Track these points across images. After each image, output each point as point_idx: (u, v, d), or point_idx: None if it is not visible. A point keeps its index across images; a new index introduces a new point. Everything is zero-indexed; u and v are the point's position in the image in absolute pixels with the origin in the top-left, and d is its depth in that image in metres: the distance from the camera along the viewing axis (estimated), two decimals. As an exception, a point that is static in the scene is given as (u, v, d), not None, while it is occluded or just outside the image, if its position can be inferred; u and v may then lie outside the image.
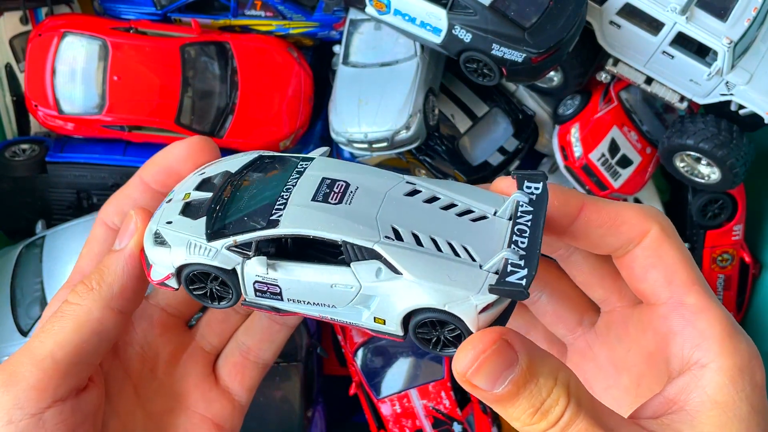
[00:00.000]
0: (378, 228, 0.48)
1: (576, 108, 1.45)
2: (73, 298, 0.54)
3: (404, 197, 0.51)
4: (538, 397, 0.44)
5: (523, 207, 0.49)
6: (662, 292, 0.49)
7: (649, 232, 0.50)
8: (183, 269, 0.52)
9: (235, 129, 1.44)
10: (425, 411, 1.38)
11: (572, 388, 0.44)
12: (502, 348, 0.44)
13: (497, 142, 1.50)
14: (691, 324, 0.48)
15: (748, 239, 1.57)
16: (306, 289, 0.51)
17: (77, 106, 1.39)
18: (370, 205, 0.50)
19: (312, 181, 0.52)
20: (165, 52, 1.41)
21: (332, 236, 0.48)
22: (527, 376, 0.44)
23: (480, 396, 0.45)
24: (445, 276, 0.47)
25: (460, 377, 0.45)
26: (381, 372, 1.40)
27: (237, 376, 0.66)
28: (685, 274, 0.49)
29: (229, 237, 0.51)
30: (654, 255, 0.49)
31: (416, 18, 1.26)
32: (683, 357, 0.48)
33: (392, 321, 0.50)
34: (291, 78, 1.48)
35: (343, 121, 1.38)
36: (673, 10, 1.21)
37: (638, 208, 0.51)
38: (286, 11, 1.46)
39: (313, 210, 0.50)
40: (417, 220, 0.50)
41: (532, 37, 1.19)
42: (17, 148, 1.42)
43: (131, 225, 0.54)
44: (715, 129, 1.31)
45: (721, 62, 1.22)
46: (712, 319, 0.47)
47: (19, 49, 1.45)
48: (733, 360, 0.46)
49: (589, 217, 0.50)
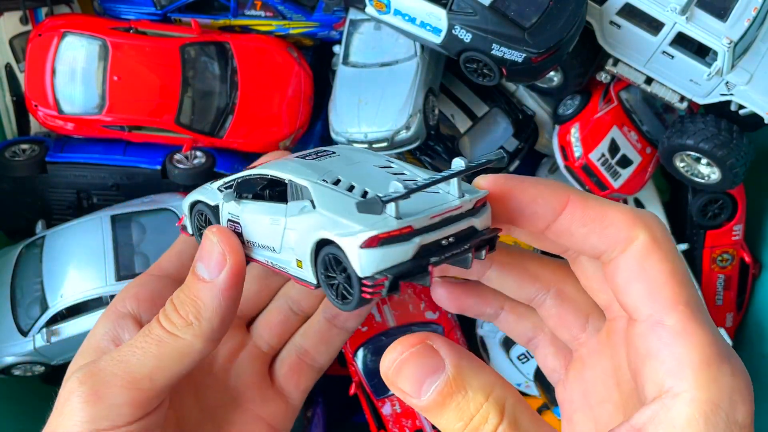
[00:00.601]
0: (322, 174, 0.51)
1: (576, 108, 1.45)
2: (173, 329, 0.54)
3: (372, 167, 0.53)
4: (467, 411, 0.41)
5: (453, 169, 0.49)
6: (643, 308, 0.45)
7: (636, 240, 0.45)
8: (192, 208, 0.63)
9: (235, 129, 1.44)
10: (425, 411, 1.38)
11: (508, 408, 0.41)
12: (424, 351, 0.43)
13: (497, 142, 1.49)
14: (668, 347, 0.43)
15: (748, 239, 1.57)
16: (255, 226, 0.55)
17: (77, 106, 1.39)
18: (334, 165, 0.53)
19: (311, 150, 0.58)
20: (165, 52, 1.41)
21: (282, 175, 0.52)
22: (453, 387, 0.42)
23: (410, 404, 0.44)
24: (345, 209, 0.47)
25: (385, 377, 0.44)
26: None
27: (293, 378, 0.66)
28: (670, 291, 0.44)
29: (221, 179, 0.59)
30: (639, 266, 0.45)
31: (416, 18, 1.26)
32: (657, 382, 0.43)
33: (306, 261, 0.50)
34: (291, 78, 1.48)
35: (343, 121, 1.38)
36: (673, 10, 1.21)
37: (629, 210, 0.47)
38: (286, 11, 1.46)
39: (288, 162, 0.55)
40: (362, 177, 0.51)
41: (532, 37, 1.19)
42: (17, 148, 1.42)
43: (216, 252, 0.53)
44: (715, 129, 1.31)
45: (721, 62, 1.22)
46: (691, 345, 0.42)
47: (19, 49, 1.45)
48: (708, 393, 0.40)
49: (574, 213, 0.47)
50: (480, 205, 0.48)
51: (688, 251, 1.54)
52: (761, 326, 1.55)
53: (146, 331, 0.55)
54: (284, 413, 0.65)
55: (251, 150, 1.49)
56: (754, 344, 1.56)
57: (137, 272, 1.29)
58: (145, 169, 1.42)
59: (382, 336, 1.41)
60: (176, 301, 0.55)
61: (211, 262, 0.53)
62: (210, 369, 0.65)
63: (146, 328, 0.56)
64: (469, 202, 0.48)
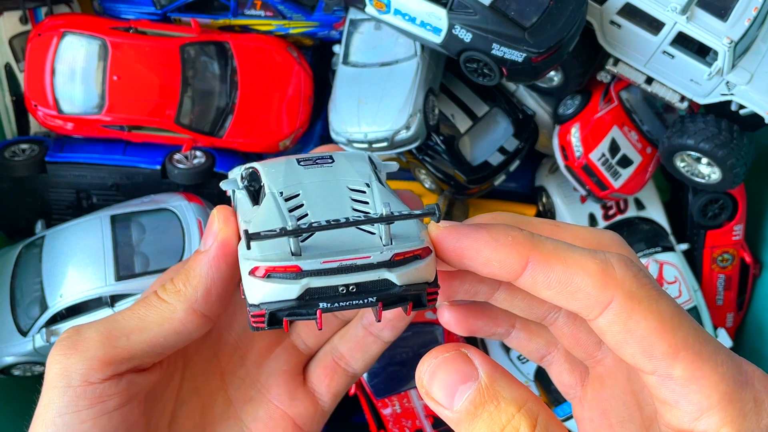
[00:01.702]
0: (288, 187, 0.52)
1: (576, 108, 1.45)
2: (162, 294, 0.54)
3: (343, 187, 0.52)
4: (498, 422, 0.41)
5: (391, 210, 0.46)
6: (644, 365, 0.43)
7: (610, 303, 0.42)
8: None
9: (235, 129, 1.44)
10: (425, 411, 1.38)
11: (540, 422, 0.41)
12: (457, 357, 0.43)
13: (497, 142, 1.49)
14: (685, 398, 0.42)
15: (749, 239, 1.57)
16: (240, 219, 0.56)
17: (77, 105, 1.39)
18: (311, 176, 0.53)
19: (311, 155, 0.58)
20: (165, 51, 1.41)
21: (263, 178, 0.53)
22: (486, 396, 0.41)
23: (443, 416, 0.43)
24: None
25: (419, 384, 0.44)
26: (381, 372, 1.40)
27: (325, 380, 0.65)
28: (665, 345, 0.41)
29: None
30: (624, 329, 0.42)
31: (416, 18, 1.26)
32: (683, 424, 0.42)
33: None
34: (291, 78, 1.48)
35: (343, 121, 1.38)
36: (673, 9, 1.21)
37: (595, 269, 0.43)
38: (286, 11, 1.46)
39: (281, 163, 0.55)
40: (321, 199, 0.51)
41: (532, 37, 1.19)
42: (17, 148, 1.42)
43: (214, 225, 0.54)
44: (715, 129, 1.31)
45: (722, 62, 1.22)
46: (706, 389, 0.41)
47: (19, 49, 1.45)
48: (740, 427, 0.40)
49: (536, 276, 0.44)
50: (406, 257, 0.45)
51: (689, 251, 1.54)
52: (761, 326, 1.55)
53: (142, 296, 0.56)
54: (312, 415, 0.64)
55: (251, 150, 1.49)
56: (754, 344, 1.56)
57: (137, 272, 1.29)
58: (145, 169, 1.41)
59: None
60: (174, 272, 0.56)
61: (208, 234, 0.54)
62: (242, 361, 0.64)
63: (143, 294, 0.57)
64: (384, 254, 0.45)
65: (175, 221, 1.33)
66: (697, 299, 1.48)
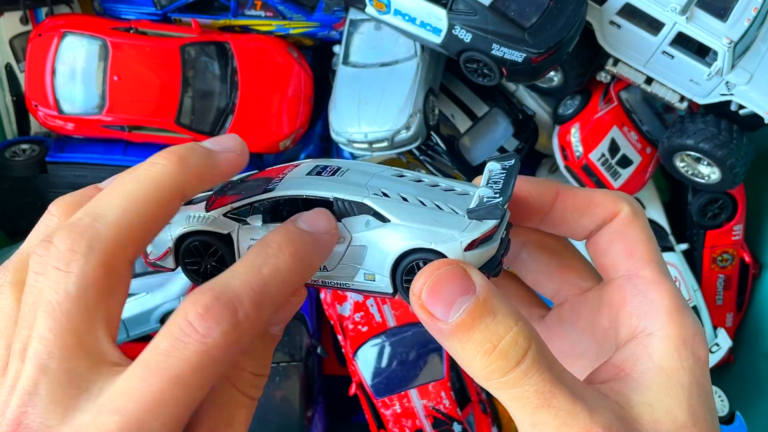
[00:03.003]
0: (367, 189, 0.52)
1: (576, 108, 1.45)
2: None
3: (393, 176, 0.55)
4: (495, 333, 0.43)
5: (496, 172, 0.52)
6: (622, 265, 0.51)
7: (620, 212, 0.52)
8: (182, 242, 0.54)
9: (235, 129, 1.44)
10: (425, 411, 1.38)
11: (534, 336, 0.44)
12: (456, 271, 0.44)
13: (497, 142, 1.50)
14: (642, 293, 0.49)
15: (748, 239, 1.57)
16: None
17: (77, 106, 1.39)
18: (360, 178, 0.54)
19: (306, 167, 0.56)
20: (165, 52, 1.41)
21: (323, 194, 0.51)
22: (483, 308, 0.43)
23: (435, 330, 0.44)
24: (431, 220, 0.49)
25: (415, 300, 0.45)
26: (381, 372, 1.40)
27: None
28: (645, 251, 0.51)
29: (227, 205, 0.54)
30: (620, 232, 0.52)
31: (416, 18, 1.26)
32: (631, 325, 0.49)
33: (382, 273, 0.51)
34: (291, 78, 1.48)
35: (343, 121, 1.38)
36: (673, 10, 1.21)
37: (609, 192, 0.53)
38: (286, 11, 1.46)
39: (306, 179, 0.54)
40: (404, 189, 0.53)
41: (532, 37, 1.19)
42: (17, 148, 1.42)
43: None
44: (715, 129, 1.31)
45: (721, 62, 1.22)
46: (662, 291, 0.49)
47: (19, 49, 1.45)
48: (678, 331, 0.47)
49: (565, 202, 0.52)
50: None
51: (688, 251, 1.54)
52: (761, 326, 1.55)
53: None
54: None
55: (251, 150, 1.47)
56: (754, 344, 1.56)
57: (137, 272, 1.29)
58: (145, 169, 1.42)
59: (382, 336, 1.41)
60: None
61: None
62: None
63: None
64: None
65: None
66: (697, 299, 1.48)
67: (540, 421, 0.42)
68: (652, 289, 0.49)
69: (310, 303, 1.49)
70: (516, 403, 0.43)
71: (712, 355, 1.43)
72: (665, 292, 0.49)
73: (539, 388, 0.42)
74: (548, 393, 0.42)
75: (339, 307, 1.44)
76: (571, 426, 0.42)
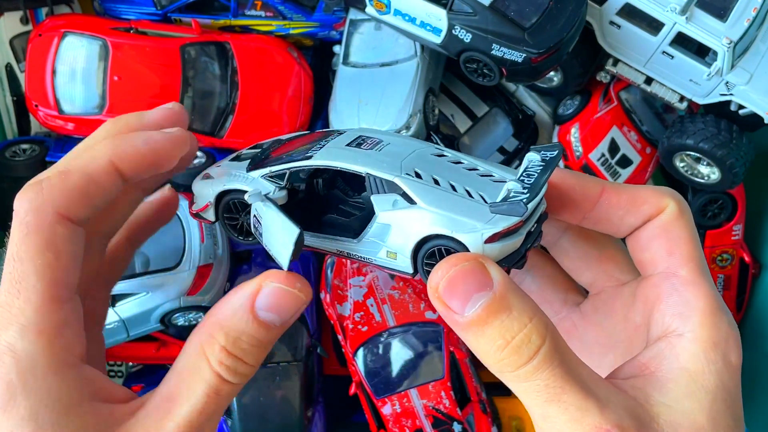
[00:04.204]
0: (401, 168, 0.52)
1: (576, 108, 1.45)
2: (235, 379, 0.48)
3: (431, 156, 0.55)
4: (510, 330, 0.43)
5: (534, 163, 0.52)
6: (661, 262, 0.51)
7: (666, 208, 0.52)
8: (222, 198, 0.57)
9: (236, 129, 1.44)
10: (425, 411, 1.38)
11: (550, 333, 0.44)
12: (475, 267, 0.44)
13: (497, 142, 1.50)
14: (678, 293, 0.49)
15: (748, 239, 1.57)
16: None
17: (78, 106, 1.40)
18: (398, 154, 0.54)
19: (349, 135, 0.57)
20: (165, 52, 1.41)
21: (357, 168, 0.52)
22: (499, 305, 0.43)
23: (451, 322, 0.45)
24: (457, 208, 0.50)
25: (433, 292, 0.45)
26: (381, 372, 1.40)
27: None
28: (686, 250, 0.50)
29: (266, 167, 0.55)
30: (662, 228, 0.51)
31: (416, 18, 1.27)
32: (663, 324, 0.49)
33: (403, 253, 0.52)
34: (291, 78, 1.48)
35: (343, 121, 1.38)
36: (672, 10, 1.21)
37: (655, 188, 0.53)
38: (286, 11, 1.46)
39: (345, 150, 0.54)
40: (439, 170, 0.53)
41: (532, 37, 1.19)
42: (17, 148, 1.42)
43: (293, 299, 0.49)
44: (714, 129, 1.31)
45: (721, 62, 1.22)
46: (699, 293, 0.48)
47: (20, 49, 1.45)
48: (709, 333, 0.46)
49: (610, 200, 0.52)
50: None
51: (688, 251, 1.54)
52: (761, 326, 1.55)
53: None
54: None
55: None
56: (754, 344, 1.56)
57: (137, 272, 1.29)
58: (146, 169, 1.42)
59: (382, 336, 1.41)
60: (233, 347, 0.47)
61: (288, 310, 0.48)
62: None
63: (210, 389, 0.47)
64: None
65: (176, 221, 1.33)
66: (697, 299, 1.48)
67: (550, 414, 0.43)
68: (688, 289, 0.49)
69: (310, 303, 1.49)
70: (527, 395, 0.44)
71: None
72: (702, 293, 0.48)
73: (549, 383, 0.43)
74: (558, 388, 0.43)
75: (339, 307, 1.44)
76: (580, 421, 0.42)
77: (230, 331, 0.47)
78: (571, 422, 0.42)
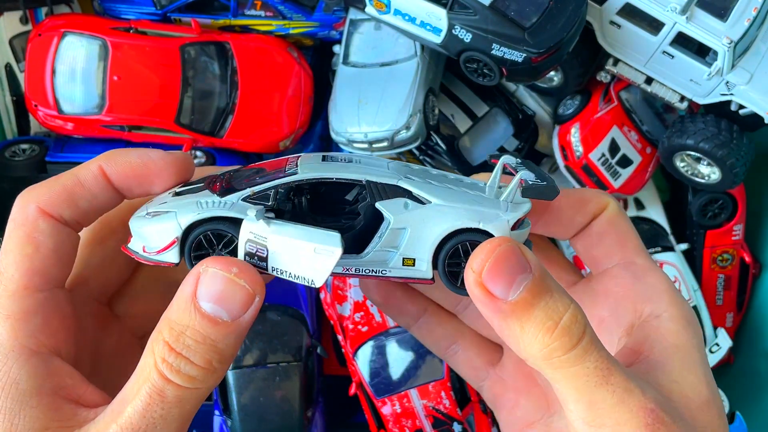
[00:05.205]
0: (396, 174, 0.51)
1: (576, 108, 1.45)
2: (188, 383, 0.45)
3: (406, 166, 0.54)
4: (556, 311, 0.42)
5: (515, 162, 0.54)
6: (616, 254, 0.54)
7: (607, 207, 0.55)
8: (191, 231, 0.49)
9: (235, 129, 1.44)
10: (425, 411, 1.38)
11: (587, 317, 0.44)
12: (514, 249, 0.44)
13: (497, 142, 1.50)
14: (641, 280, 0.52)
15: (748, 239, 1.57)
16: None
17: (77, 106, 1.39)
18: (379, 164, 0.52)
19: (316, 156, 0.53)
20: (165, 52, 1.41)
21: (355, 177, 0.49)
22: (541, 286, 0.43)
23: (493, 310, 0.43)
24: (472, 201, 0.49)
25: (475, 279, 0.44)
26: (381, 372, 1.40)
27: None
28: (636, 241, 0.55)
29: (246, 189, 0.49)
30: (610, 223, 0.55)
31: (416, 18, 1.26)
32: (636, 310, 0.51)
33: (423, 256, 0.49)
34: (291, 78, 1.48)
35: (343, 121, 1.38)
36: (673, 10, 1.21)
37: (594, 189, 0.59)
38: (286, 11, 1.46)
39: (329, 164, 0.51)
40: (424, 175, 0.52)
41: (532, 37, 1.19)
42: (17, 148, 1.42)
43: (242, 291, 0.45)
44: (715, 129, 1.31)
45: (721, 62, 1.22)
46: (659, 277, 0.52)
47: (19, 49, 1.45)
48: (681, 312, 0.50)
49: (560, 201, 0.55)
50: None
51: (688, 251, 1.54)
52: (761, 326, 1.55)
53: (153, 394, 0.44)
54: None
55: (251, 150, 1.49)
56: (754, 344, 1.56)
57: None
58: (145, 169, 1.41)
59: (382, 336, 1.41)
60: (176, 343, 0.44)
61: (233, 302, 0.45)
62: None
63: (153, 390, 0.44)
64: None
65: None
66: (697, 299, 1.48)
67: (598, 399, 0.42)
68: (648, 275, 0.52)
69: (310, 303, 1.49)
70: (575, 381, 0.43)
71: (713, 355, 1.43)
72: (661, 277, 0.52)
73: (599, 364, 0.42)
74: (606, 370, 0.42)
75: (339, 307, 1.44)
76: (628, 402, 0.42)
77: (174, 325, 0.44)
78: (620, 405, 0.42)
